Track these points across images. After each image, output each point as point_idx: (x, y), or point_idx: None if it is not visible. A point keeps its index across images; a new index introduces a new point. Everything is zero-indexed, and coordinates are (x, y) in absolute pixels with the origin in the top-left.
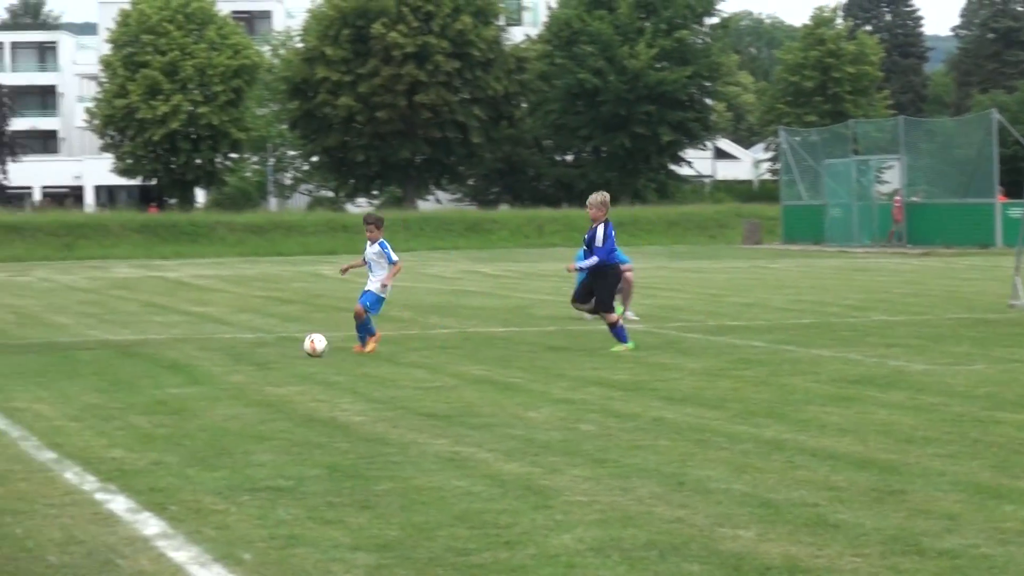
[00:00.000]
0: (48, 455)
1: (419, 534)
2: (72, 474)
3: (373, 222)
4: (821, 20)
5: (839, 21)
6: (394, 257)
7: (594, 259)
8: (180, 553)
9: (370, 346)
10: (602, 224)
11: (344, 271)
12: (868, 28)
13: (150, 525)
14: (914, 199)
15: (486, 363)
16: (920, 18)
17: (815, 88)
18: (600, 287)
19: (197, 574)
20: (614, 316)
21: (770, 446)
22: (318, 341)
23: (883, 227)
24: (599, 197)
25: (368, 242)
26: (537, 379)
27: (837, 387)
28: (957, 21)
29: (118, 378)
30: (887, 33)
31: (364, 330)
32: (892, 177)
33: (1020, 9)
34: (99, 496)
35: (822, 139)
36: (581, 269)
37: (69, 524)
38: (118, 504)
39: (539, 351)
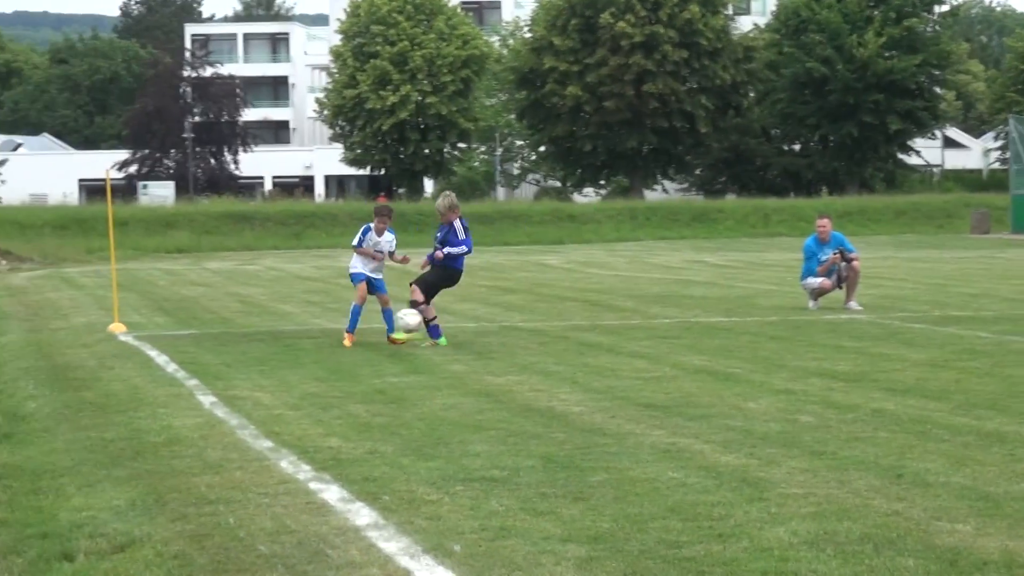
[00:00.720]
0: (265, 444)
1: (631, 526)
2: (287, 463)
3: (387, 213)
4: None
5: None
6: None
7: (463, 248)
8: (390, 544)
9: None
10: (457, 220)
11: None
12: None
13: (362, 515)
14: None
15: (707, 353)
16: None
17: None
18: (435, 280)
19: (406, 565)
20: (432, 312)
21: (991, 438)
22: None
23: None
24: (446, 201)
25: (378, 232)
26: (757, 370)
27: None
28: None
29: (339, 367)
30: None
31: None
32: None
33: None
34: (313, 485)
35: None
36: (447, 255)
37: (281, 513)
38: (331, 493)
39: (761, 341)
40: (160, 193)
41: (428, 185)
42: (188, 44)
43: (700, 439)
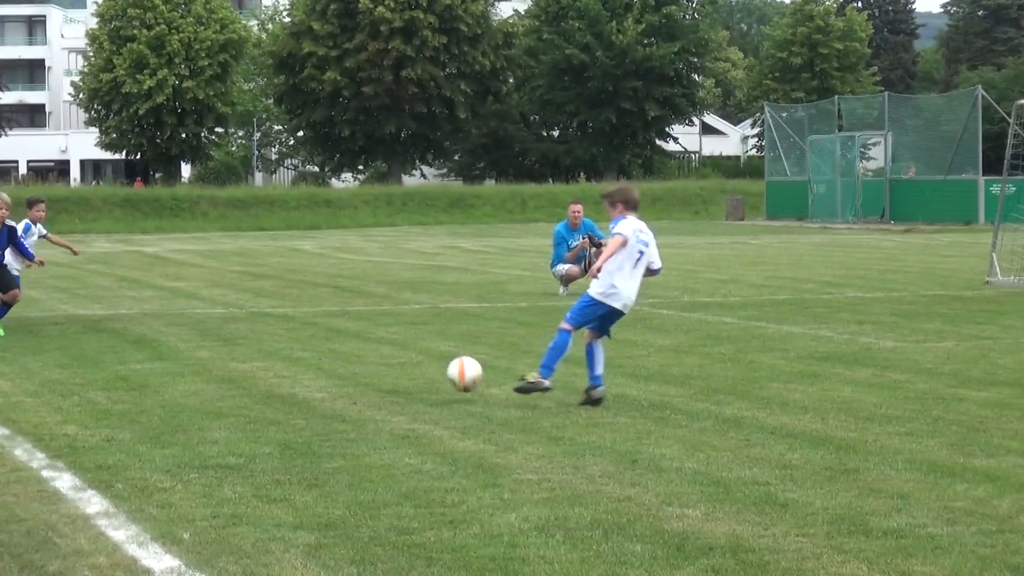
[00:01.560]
0: (0, 432)
1: (364, 512)
2: (22, 451)
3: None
4: None
5: None
6: None
7: None
8: (119, 532)
9: None
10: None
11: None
12: (858, 5)
13: (93, 503)
14: (908, 175)
15: (454, 339)
16: None
17: (803, 64)
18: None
19: (134, 553)
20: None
21: (729, 424)
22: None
23: (867, 204)
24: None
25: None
26: (503, 355)
27: (804, 364)
28: None
29: (83, 353)
30: (877, 10)
31: None
32: (878, 153)
33: None
34: (46, 473)
35: (808, 115)
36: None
37: (11, 502)
38: (64, 482)
39: (509, 327)
40: None
41: (185, 170)
42: None
43: (440, 425)
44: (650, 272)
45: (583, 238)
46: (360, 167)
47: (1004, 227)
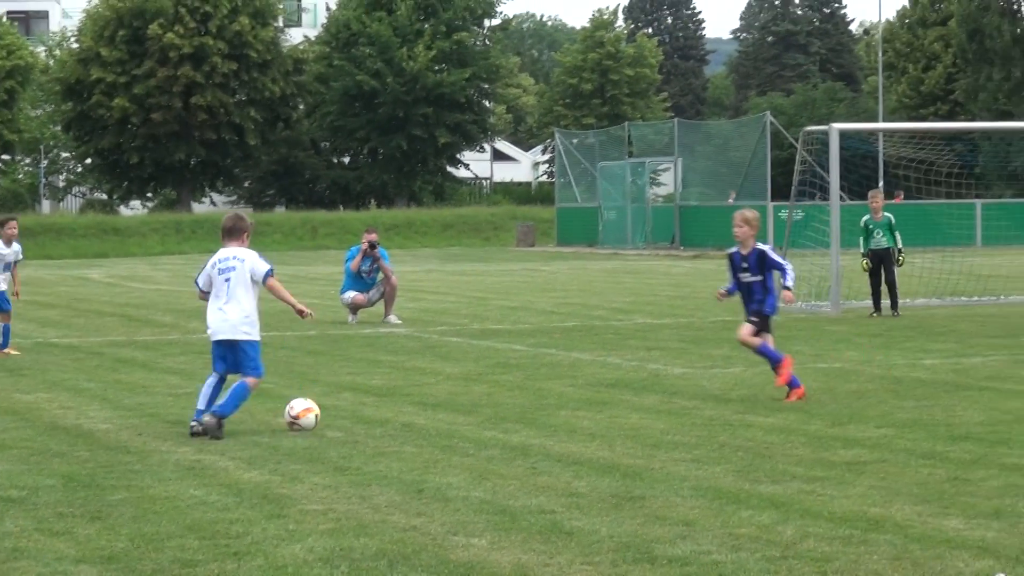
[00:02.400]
0: None
1: (147, 545)
2: None
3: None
4: (601, 23)
5: (619, 24)
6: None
7: None
8: None
9: None
10: None
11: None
12: (648, 31)
13: None
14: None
15: None
16: (701, 21)
17: (593, 90)
18: None
19: None
20: None
21: (516, 452)
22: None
23: (657, 230)
24: None
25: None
26: (291, 384)
27: (592, 391)
28: (737, 24)
29: None
30: (668, 36)
31: None
32: (668, 179)
33: (799, 13)
34: None
35: (598, 141)
36: None
37: None
38: None
39: (298, 356)
40: None
41: None
42: None
43: (226, 456)
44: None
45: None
46: (149, 194)
47: (792, 252)
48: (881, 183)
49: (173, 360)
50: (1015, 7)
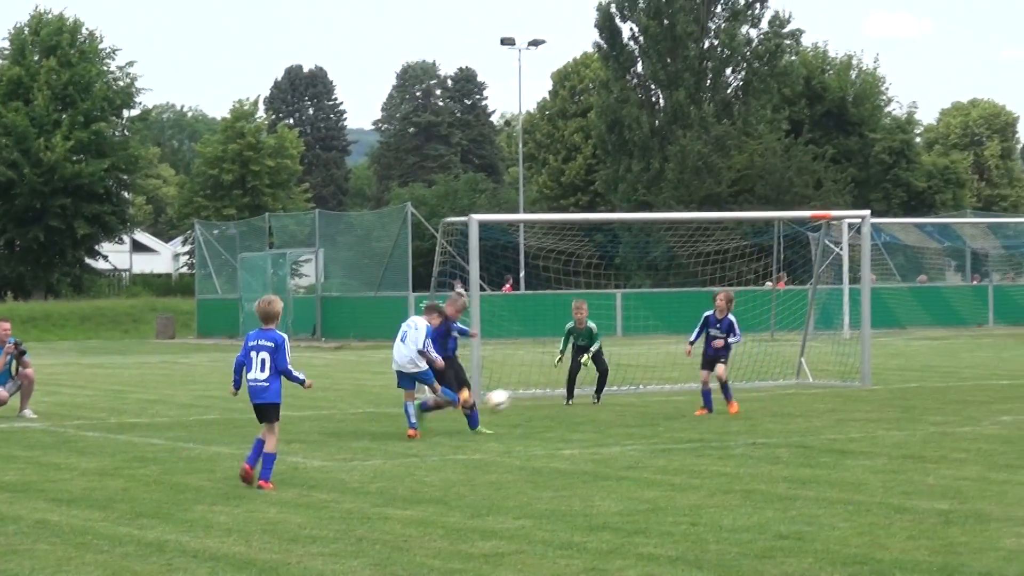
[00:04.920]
0: None
1: None
2: None
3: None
4: (241, 113)
5: (260, 114)
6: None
7: None
8: None
9: None
10: None
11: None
12: (290, 121)
13: None
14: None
15: None
16: (343, 112)
17: (234, 181)
18: None
19: None
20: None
21: (151, 548)
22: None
23: (299, 320)
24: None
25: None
26: None
27: (230, 485)
28: (379, 115)
29: None
30: (309, 126)
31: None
32: (309, 270)
33: (441, 104)
34: None
35: (239, 232)
36: None
37: None
38: None
39: None
40: None
41: None
42: None
43: None
44: None
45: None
46: None
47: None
48: (523, 274)
49: None
50: (653, 100)
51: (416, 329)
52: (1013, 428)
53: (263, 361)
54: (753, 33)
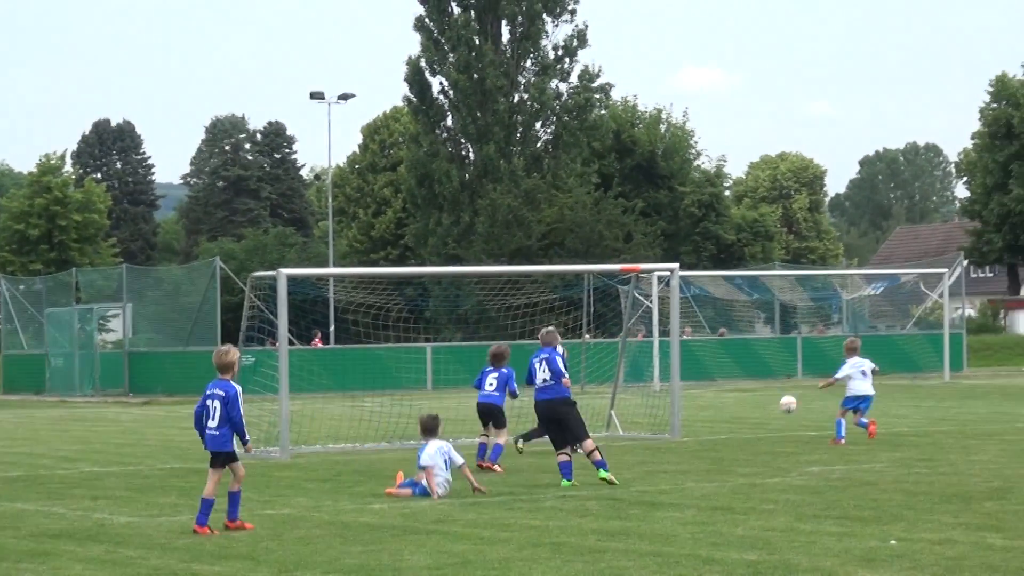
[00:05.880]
0: None
1: None
2: None
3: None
4: (48, 167)
5: (67, 168)
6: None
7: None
8: None
9: None
10: None
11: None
12: (98, 176)
13: None
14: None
15: None
16: (151, 166)
17: (41, 236)
18: None
19: None
20: None
21: None
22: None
23: (106, 376)
24: None
25: None
26: None
27: (36, 542)
28: (188, 169)
29: None
30: (117, 180)
31: None
32: (117, 325)
33: (250, 158)
34: None
35: (46, 287)
36: None
37: None
38: None
39: None
40: None
41: None
42: None
43: None
44: None
45: None
46: None
47: (247, 397)
48: (332, 328)
49: None
50: (463, 153)
51: None
52: (820, 479)
53: (214, 410)
54: (563, 87)
